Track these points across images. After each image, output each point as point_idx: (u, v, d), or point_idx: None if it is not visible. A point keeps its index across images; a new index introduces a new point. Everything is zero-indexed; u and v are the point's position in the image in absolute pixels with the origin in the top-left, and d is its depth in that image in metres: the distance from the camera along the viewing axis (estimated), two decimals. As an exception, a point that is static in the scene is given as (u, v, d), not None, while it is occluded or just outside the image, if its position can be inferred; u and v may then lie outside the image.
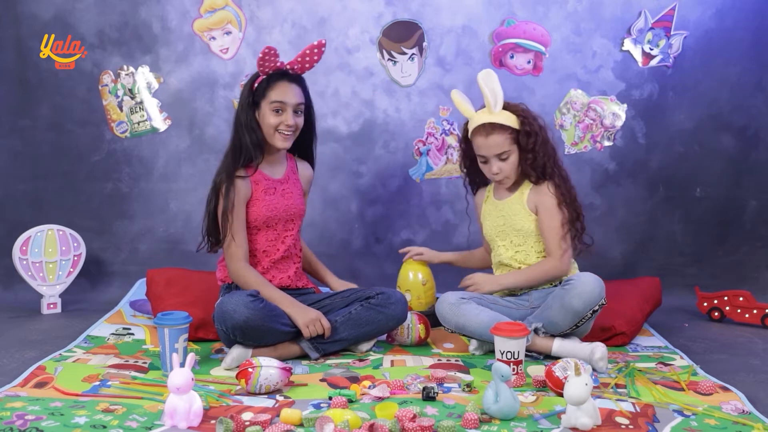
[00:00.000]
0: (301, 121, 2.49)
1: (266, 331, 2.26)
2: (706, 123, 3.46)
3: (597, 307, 2.29)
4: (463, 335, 2.43)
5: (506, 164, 2.45)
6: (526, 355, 2.26)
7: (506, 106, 2.46)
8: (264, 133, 2.45)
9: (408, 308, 2.61)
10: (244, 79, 3.36)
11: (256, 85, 2.45)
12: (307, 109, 2.54)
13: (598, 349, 2.21)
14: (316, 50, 2.47)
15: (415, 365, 2.31)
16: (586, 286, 2.27)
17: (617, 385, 2.08)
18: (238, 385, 2.05)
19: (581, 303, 2.27)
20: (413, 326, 2.52)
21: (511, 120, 2.44)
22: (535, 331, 2.33)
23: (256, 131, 2.44)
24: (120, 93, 3.45)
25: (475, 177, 2.64)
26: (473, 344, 2.45)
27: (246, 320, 2.20)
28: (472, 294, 2.46)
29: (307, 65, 2.50)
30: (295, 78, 2.49)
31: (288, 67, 2.46)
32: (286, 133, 2.45)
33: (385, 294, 2.44)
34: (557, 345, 2.31)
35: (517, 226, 2.50)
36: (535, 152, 2.43)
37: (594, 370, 2.20)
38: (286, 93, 2.43)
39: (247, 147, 2.42)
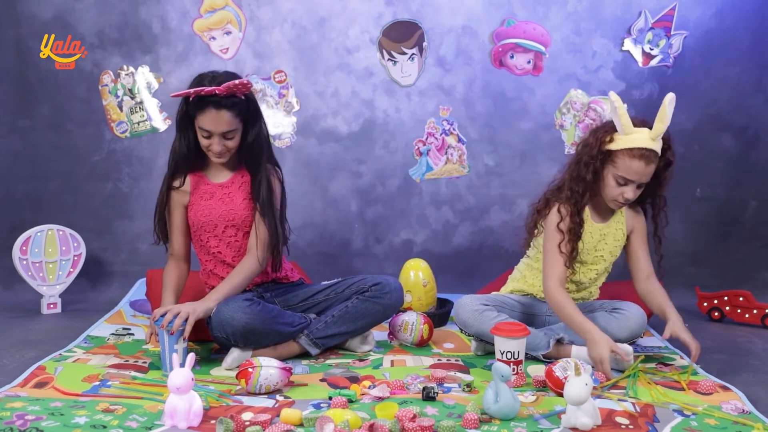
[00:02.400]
0: (232, 143, 2.32)
1: (267, 333, 2.27)
2: (706, 123, 3.47)
3: (635, 341, 2.32)
4: (482, 340, 2.40)
5: (639, 191, 2.30)
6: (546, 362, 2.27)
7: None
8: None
9: (408, 308, 2.61)
10: (247, 76, 3.34)
11: (187, 106, 2.31)
12: (252, 121, 2.35)
13: (625, 347, 2.20)
14: (241, 86, 2.25)
15: (415, 365, 2.31)
16: (637, 320, 2.30)
17: (616, 386, 2.08)
18: (238, 385, 2.05)
19: (628, 334, 2.30)
20: (417, 326, 2.51)
21: (660, 147, 2.29)
22: (559, 341, 2.32)
23: (185, 155, 2.37)
24: (120, 93, 3.45)
25: (587, 193, 2.33)
26: (473, 344, 2.45)
27: (245, 325, 2.20)
28: (494, 300, 2.43)
29: (235, 92, 2.28)
30: (224, 102, 2.25)
31: (216, 91, 2.23)
32: (216, 153, 2.34)
33: (380, 284, 2.43)
34: (575, 351, 2.30)
35: (616, 251, 2.43)
36: (664, 180, 2.36)
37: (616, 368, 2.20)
38: (212, 122, 2.26)
39: (174, 167, 2.41)
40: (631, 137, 2.25)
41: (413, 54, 3.48)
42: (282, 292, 2.49)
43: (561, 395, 1.87)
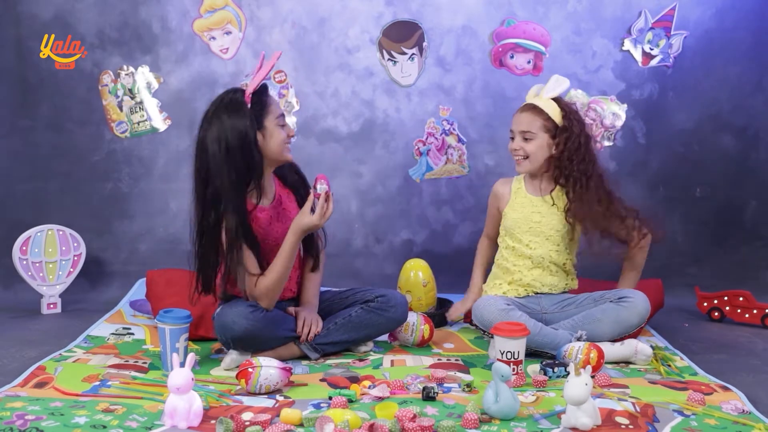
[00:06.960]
0: None
1: (267, 339, 2.27)
2: (706, 123, 3.47)
3: (644, 324, 2.43)
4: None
5: (527, 146, 2.49)
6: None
7: (558, 101, 2.51)
8: (272, 151, 2.25)
9: (408, 309, 2.60)
10: (244, 79, 3.36)
11: (249, 104, 2.22)
12: None
13: (644, 348, 2.30)
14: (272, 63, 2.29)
15: (415, 365, 2.31)
16: (644, 304, 2.42)
17: (617, 385, 2.08)
18: (238, 385, 2.05)
19: (638, 319, 2.41)
20: (418, 326, 2.51)
21: (552, 109, 2.48)
22: (579, 338, 2.36)
23: (259, 152, 2.22)
24: (120, 93, 3.45)
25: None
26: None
27: (245, 331, 2.19)
28: (513, 299, 2.49)
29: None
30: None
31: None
32: (289, 143, 2.32)
33: (386, 297, 2.42)
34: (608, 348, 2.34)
35: (557, 227, 2.53)
36: (565, 149, 2.48)
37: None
38: (279, 103, 2.32)
39: (256, 170, 2.21)
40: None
41: (413, 54, 3.48)
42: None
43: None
